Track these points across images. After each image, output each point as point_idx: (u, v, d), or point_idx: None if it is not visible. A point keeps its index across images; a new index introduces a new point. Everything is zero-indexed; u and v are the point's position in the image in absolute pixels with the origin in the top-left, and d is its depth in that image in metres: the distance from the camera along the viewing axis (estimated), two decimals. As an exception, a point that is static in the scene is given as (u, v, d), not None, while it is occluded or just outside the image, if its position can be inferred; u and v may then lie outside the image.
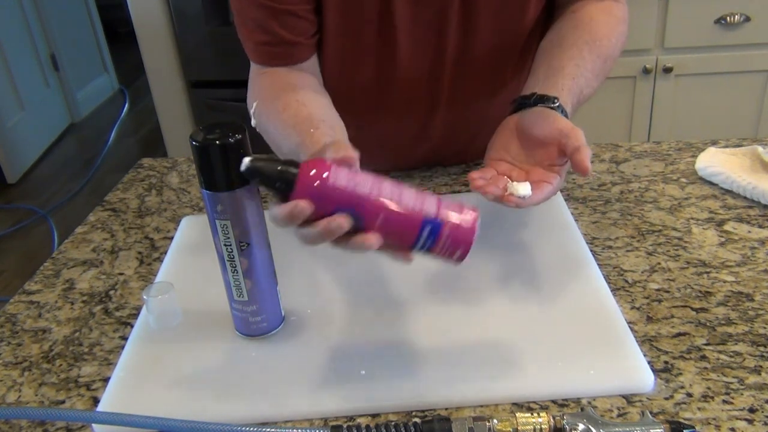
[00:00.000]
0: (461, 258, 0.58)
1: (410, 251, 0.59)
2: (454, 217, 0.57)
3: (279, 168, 0.57)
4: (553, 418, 0.57)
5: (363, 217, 0.56)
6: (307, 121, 0.78)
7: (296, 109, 0.81)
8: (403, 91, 0.96)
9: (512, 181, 0.73)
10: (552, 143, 0.74)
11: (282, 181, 0.56)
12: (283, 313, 0.72)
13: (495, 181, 0.73)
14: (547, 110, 0.78)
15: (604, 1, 0.94)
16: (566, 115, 0.78)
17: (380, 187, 0.57)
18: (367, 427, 0.58)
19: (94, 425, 0.62)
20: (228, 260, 0.66)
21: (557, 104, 0.78)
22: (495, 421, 0.57)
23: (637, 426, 0.56)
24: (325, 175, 0.56)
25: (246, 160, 0.57)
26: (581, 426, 0.56)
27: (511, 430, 0.56)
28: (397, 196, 0.57)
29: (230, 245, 0.65)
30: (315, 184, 0.56)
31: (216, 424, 0.58)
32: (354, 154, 0.59)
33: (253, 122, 0.88)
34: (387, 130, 1.01)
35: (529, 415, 0.57)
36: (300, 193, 0.56)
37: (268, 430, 0.58)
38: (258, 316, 0.70)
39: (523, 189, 0.71)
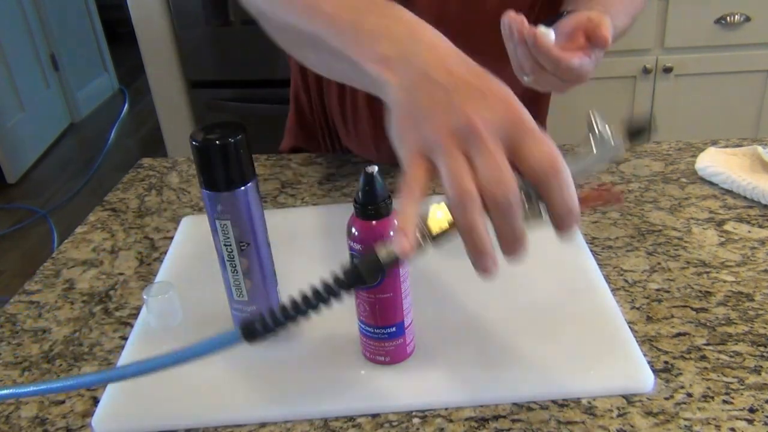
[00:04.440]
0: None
1: None
2: None
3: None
4: None
5: None
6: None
7: None
8: None
9: None
10: (579, 29, 0.71)
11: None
12: (283, 313, 0.72)
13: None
14: (578, 12, 0.75)
15: None
16: None
17: None
18: (304, 298, 0.49)
19: (93, 425, 0.62)
20: (228, 260, 0.66)
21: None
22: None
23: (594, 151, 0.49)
24: None
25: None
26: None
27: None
28: None
29: (230, 245, 0.65)
30: None
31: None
32: None
33: None
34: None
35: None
36: None
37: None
38: (258, 316, 0.70)
39: (546, 29, 0.69)
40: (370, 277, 0.47)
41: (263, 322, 0.47)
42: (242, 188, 0.63)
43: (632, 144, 0.47)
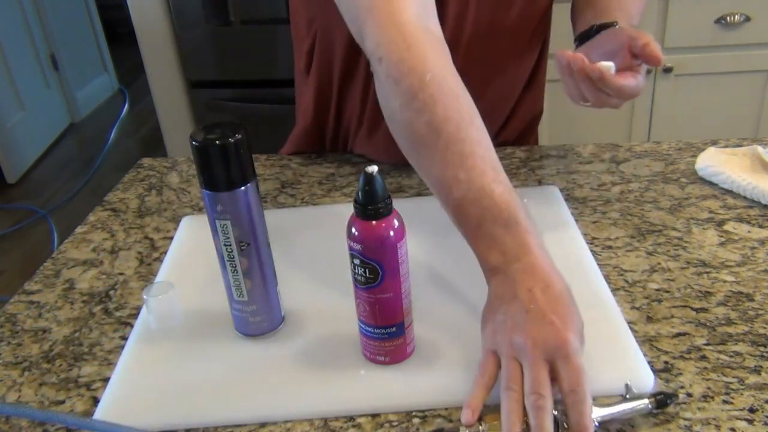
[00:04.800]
0: None
1: None
2: None
3: None
4: None
5: None
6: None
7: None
8: None
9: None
10: (623, 49, 0.78)
11: None
12: (283, 313, 0.72)
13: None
14: (612, 29, 0.83)
15: None
16: None
17: None
18: None
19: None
20: (228, 260, 0.66)
21: (618, 27, 0.83)
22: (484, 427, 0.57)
23: (627, 404, 0.59)
24: None
25: None
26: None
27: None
28: None
29: (230, 245, 0.65)
30: None
31: None
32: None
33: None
34: None
35: None
36: None
37: None
38: (258, 316, 0.70)
39: (608, 63, 0.77)
40: None
41: None
42: (242, 188, 0.63)
43: (657, 408, 0.59)
